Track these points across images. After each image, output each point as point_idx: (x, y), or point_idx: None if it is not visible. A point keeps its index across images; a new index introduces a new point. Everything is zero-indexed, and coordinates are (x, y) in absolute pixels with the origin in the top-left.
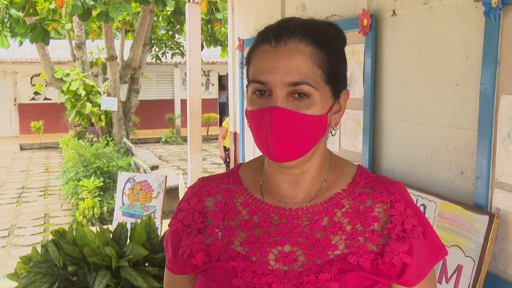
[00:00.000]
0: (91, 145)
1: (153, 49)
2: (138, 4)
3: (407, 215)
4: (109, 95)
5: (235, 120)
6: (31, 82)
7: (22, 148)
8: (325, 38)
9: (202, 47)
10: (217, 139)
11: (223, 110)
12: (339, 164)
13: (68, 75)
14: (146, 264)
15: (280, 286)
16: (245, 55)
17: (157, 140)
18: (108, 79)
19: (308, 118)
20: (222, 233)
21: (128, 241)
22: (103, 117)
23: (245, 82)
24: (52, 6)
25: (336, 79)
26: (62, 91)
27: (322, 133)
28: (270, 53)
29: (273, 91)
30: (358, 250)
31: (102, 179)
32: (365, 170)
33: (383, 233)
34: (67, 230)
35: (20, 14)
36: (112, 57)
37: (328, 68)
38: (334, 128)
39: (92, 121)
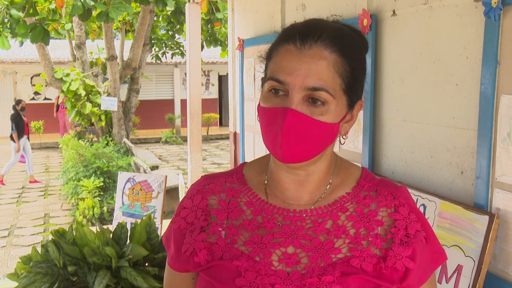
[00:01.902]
0: (91, 145)
1: (153, 49)
2: (138, 4)
3: (411, 219)
4: (109, 95)
5: (235, 120)
6: (31, 82)
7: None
8: (350, 48)
9: (202, 47)
10: (217, 139)
11: None
12: (344, 167)
13: (68, 75)
14: (146, 264)
15: (283, 287)
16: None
17: (157, 140)
18: (108, 79)
19: (320, 124)
20: (226, 232)
21: (128, 241)
22: (103, 117)
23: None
24: (52, 6)
25: (354, 90)
26: (62, 91)
27: (331, 140)
28: (293, 53)
29: (291, 92)
30: (361, 254)
31: (102, 179)
32: (369, 173)
33: (386, 237)
34: (67, 230)
35: (21, 14)
36: (112, 57)
37: (348, 78)
38: (344, 137)
39: (92, 121)
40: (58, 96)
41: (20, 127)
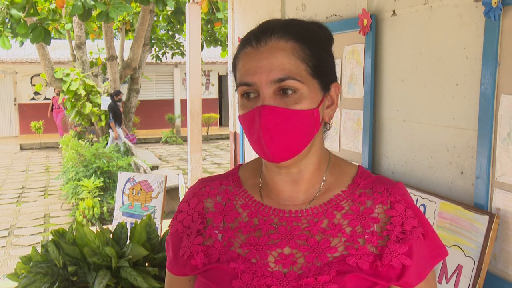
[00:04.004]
0: (91, 145)
1: (153, 49)
2: (138, 4)
3: (407, 216)
4: (109, 95)
5: (235, 120)
6: (31, 82)
7: (22, 148)
8: (305, 33)
9: (202, 47)
10: (217, 139)
11: None
12: (338, 165)
13: (68, 75)
14: (146, 264)
15: None
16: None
17: (157, 140)
18: (108, 79)
19: (298, 113)
20: (222, 234)
21: (128, 241)
22: (103, 117)
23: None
24: (53, 6)
25: (322, 72)
26: (62, 91)
27: (315, 128)
28: (252, 54)
29: (260, 90)
30: (357, 252)
31: (102, 179)
32: (366, 170)
33: (382, 234)
34: (67, 230)
35: (21, 14)
36: (112, 57)
37: (312, 61)
38: (329, 122)
39: (92, 121)
40: (54, 96)
41: (117, 116)
